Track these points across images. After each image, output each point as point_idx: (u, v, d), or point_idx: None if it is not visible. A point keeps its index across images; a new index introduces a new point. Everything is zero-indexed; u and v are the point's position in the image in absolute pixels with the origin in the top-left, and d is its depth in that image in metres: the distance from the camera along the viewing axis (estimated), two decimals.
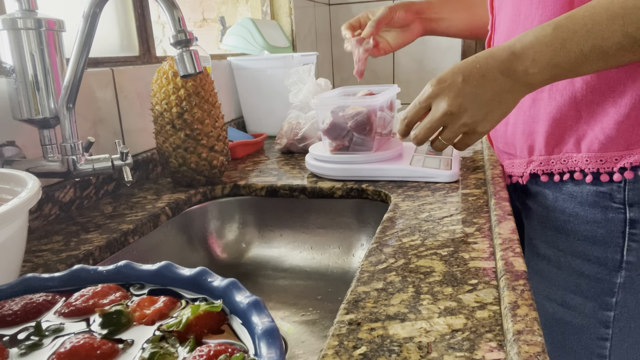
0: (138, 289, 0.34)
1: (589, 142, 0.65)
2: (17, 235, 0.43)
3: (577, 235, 0.68)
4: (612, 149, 0.64)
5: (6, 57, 0.64)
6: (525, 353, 0.34)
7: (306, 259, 0.86)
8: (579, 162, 0.66)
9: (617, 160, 0.63)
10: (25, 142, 0.70)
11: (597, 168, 0.65)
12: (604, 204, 0.65)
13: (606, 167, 0.64)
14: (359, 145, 0.84)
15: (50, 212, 0.72)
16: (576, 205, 0.68)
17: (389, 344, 0.38)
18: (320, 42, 2.05)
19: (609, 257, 0.66)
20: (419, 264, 0.51)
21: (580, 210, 0.67)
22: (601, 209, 0.66)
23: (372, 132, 0.83)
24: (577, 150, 0.66)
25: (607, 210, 0.65)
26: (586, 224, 0.67)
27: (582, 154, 0.66)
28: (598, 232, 0.66)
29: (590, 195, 0.66)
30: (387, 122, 0.92)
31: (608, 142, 0.63)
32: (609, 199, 0.65)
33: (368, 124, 0.83)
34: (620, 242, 0.65)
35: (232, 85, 1.33)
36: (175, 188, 0.86)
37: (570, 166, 0.67)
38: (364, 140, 0.84)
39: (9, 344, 0.28)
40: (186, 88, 0.79)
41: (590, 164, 0.65)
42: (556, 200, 0.70)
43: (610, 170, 0.64)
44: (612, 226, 0.65)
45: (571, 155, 0.67)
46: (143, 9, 1.05)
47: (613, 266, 0.66)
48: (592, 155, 0.65)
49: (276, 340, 0.27)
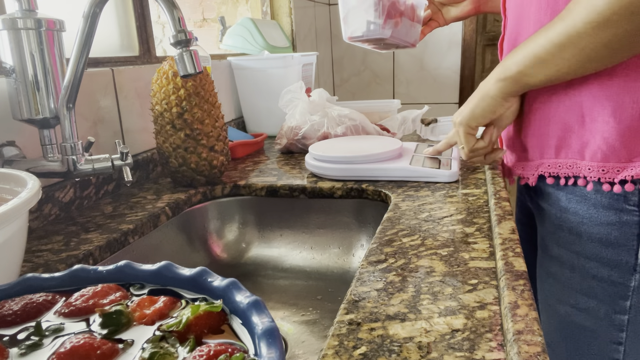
0: (138, 289, 0.34)
1: (592, 150, 0.65)
2: (17, 235, 0.43)
3: (591, 237, 0.67)
4: (613, 160, 0.63)
5: (6, 57, 0.64)
6: (525, 353, 0.34)
7: (306, 259, 0.86)
8: (582, 169, 0.66)
9: (619, 171, 0.63)
10: (25, 142, 0.70)
11: (598, 177, 0.65)
12: (618, 206, 0.64)
13: (607, 177, 0.64)
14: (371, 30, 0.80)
15: (50, 212, 0.72)
16: (590, 207, 0.67)
17: (389, 344, 0.38)
18: (320, 42, 2.05)
19: (622, 260, 0.65)
20: (419, 264, 0.51)
21: (594, 212, 0.66)
22: (615, 211, 0.65)
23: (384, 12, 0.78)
24: (581, 157, 0.67)
25: (622, 212, 0.64)
26: (600, 226, 0.66)
27: (586, 162, 0.66)
28: (612, 235, 0.65)
29: (604, 198, 0.65)
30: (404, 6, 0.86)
31: (610, 152, 0.63)
32: (623, 201, 0.64)
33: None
34: (634, 245, 0.64)
35: (232, 85, 1.33)
36: (175, 188, 0.86)
37: (576, 172, 0.67)
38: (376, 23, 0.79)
39: (9, 344, 0.28)
40: (186, 88, 0.79)
41: (593, 173, 0.65)
42: (569, 201, 0.69)
43: (612, 180, 0.64)
44: (627, 229, 0.64)
45: (576, 161, 0.67)
46: (143, 9, 1.05)
47: (627, 269, 0.65)
48: (594, 165, 0.65)
49: (276, 340, 0.27)
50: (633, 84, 0.60)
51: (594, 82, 0.62)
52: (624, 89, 0.60)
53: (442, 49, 2.11)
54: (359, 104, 1.22)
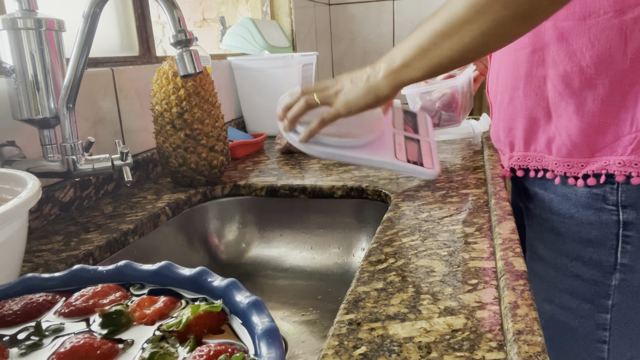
0: (138, 289, 0.34)
1: (557, 145, 0.67)
2: (17, 235, 0.43)
3: (572, 236, 0.69)
4: (577, 155, 0.65)
5: (6, 57, 0.64)
6: (525, 353, 0.34)
7: (306, 259, 0.86)
8: (550, 163, 0.69)
9: (583, 166, 0.65)
10: (25, 142, 0.70)
11: (564, 172, 0.67)
12: (598, 206, 0.66)
13: (573, 172, 0.66)
14: (447, 121, 0.96)
15: (50, 212, 0.72)
16: (571, 207, 0.68)
17: (389, 344, 0.38)
18: (320, 42, 2.05)
19: (603, 259, 0.66)
20: (419, 264, 0.51)
21: (574, 212, 0.68)
22: (594, 211, 0.66)
23: (458, 108, 0.93)
24: (548, 151, 0.69)
25: (601, 211, 0.65)
26: (580, 226, 0.67)
27: (553, 157, 0.68)
28: (592, 234, 0.67)
29: (583, 197, 0.66)
30: (468, 98, 1.00)
31: (573, 147, 0.65)
32: (602, 200, 0.65)
33: (453, 102, 0.93)
34: (614, 244, 0.65)
35: (232, 85, 1.33)
36: (175, 188, 0.86)
37: (544, 165, 0.70)
38: (452, 116, 0.95)
39: (9, 344, 0.28)
40: (186, 88, 0.79)
41: (559, 167, 0.67)
42: (552, 201, 0.70)
43: (576, 175, 0.66)
44: (606, 228, 0.65)
45: (544, 155, 0.70)
46: (143, 9, 1.05)
47: (607, 268, 0.66)
48: (560, 160, 0.67)
49: (276, 340, 0.27)
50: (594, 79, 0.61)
51: (559, 79, 0.64)
52: (588, 82, 0.62)
53: None
54: None
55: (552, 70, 0.65)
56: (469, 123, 1.19)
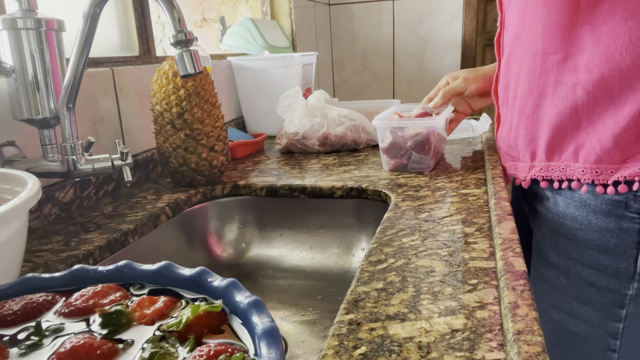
0: (138, 289, 0.34)
1: (586, 152, 0.65)
2: (17, 235, 0.43)
3: (589, 244, 0.67)
4: (607, 162, 0.64)
5: (6, 57, 0.64)
6: (525, 353, 0.34)
7: (306, 259, 0.86)
8: (576, 171, 0.66)
9: (612, 172, 0.63)
10: (25, 142, 0.70)
11: (592, 179, 0.65)
12: (619, 213, 0.64)
13: (601, 179, 0.64)
14: (417, 163, 0.85)
15: (50, 212, 0.72)
16: (589, 213, 0.66)
17: (389, 344, 0.38)
18: (320, 42, 2.05)
19: (621, 267, 0.65)
20: (419, 264, 0.51)
21: (593, 219, 0.66)
22: (615, 218, 0.64)
23: (430, 151, 0.84)
24: (575, 159, 0.66)
25: (622, 219, 0.64)
26: (599, 233, 0.66)
27: (580, 164, 0.66)
28: (611, 242, 0.65)
29: (604, 204, 0.65)
30: (442, 141, 0.92)
31: (604, 154, 0.63)
32: (624, 207, 0.63)
33: (427, 144, 0.83)
34: (633, 252, 0.64)
35: (232, 85, 1.33)
36: (175, 188, 0.86)
37: (569, 174, 0.67)
38: (422, 159, 0.85)
39: (9, 344, 0.28)
40: (186, 88, 0.79)
41: (586, 175, 0.65)
42: (568, 207, 0.68)
43: (605, 182, 0.64)
44: (626, 236, 0.64)
45: (569, 163, 0.67)
46: (143, 9, 1.05)
47: (625, 277, 0.65)
48: (587, 166, 0.65)
49: (276, 340, 0.27)
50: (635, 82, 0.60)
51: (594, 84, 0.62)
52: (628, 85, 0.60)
53: (442, 49, 2.11)
54: (359, 104, 1.22)
55: (586, 75, 0.62)
56: (469, 123, 1.19)
